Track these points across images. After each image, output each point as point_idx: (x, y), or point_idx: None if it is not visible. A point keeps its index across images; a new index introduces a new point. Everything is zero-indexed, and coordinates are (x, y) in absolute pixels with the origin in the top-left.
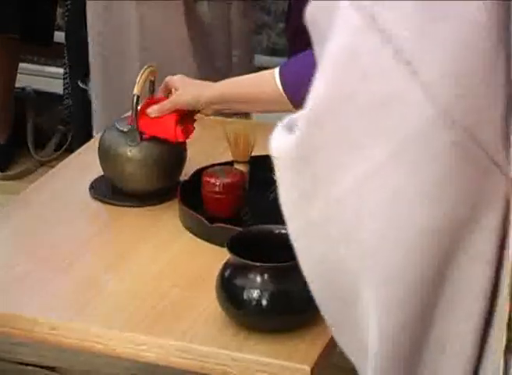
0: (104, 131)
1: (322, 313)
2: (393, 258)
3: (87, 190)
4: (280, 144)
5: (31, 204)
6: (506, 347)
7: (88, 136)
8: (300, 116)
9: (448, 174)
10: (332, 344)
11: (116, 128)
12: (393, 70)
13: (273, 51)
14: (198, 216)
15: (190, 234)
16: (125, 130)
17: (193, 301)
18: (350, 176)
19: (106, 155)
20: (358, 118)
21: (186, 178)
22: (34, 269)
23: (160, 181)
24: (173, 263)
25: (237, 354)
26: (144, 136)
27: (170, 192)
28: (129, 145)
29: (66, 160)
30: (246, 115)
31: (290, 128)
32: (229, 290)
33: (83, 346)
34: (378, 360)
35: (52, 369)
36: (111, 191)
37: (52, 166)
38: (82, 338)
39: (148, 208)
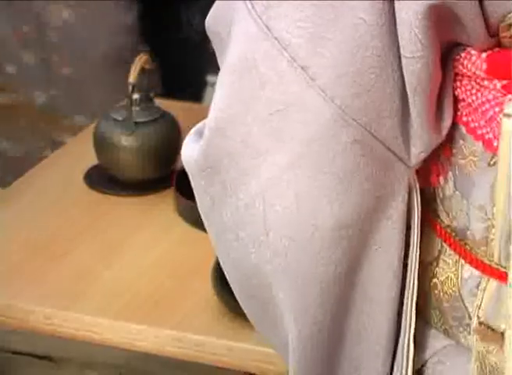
0: (100, 120)
1: (244, 310)
2: (304, 259)
3: (82, 179)
4: (189, 152)
5: (25, 193)
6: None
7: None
8: (206, 123)
9: (351, 171)
10: None
11: (111, 117)
12: (290, 77)
13: None
14: (194, 204)
15: (186, 223)
16: (120, 118)
17: (188, 290)
18: (256, 182)
19: (101, 143)
20: (259, 125)
21: (181, 167)
22: (29, 258)
23: (156, 170)
24: (169, 252)
25: (233, 343)
26: None
27: (166, 181)
28: (125, 134)
29: (61, 149)
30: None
31: (200, 134)
32: (224, 278)
33: (77, 335)
34: (298, 354)
35: (44, 357)
36: (106, 180)
37: (47, 155)
38: (77, 328)
39: (144, 197)
